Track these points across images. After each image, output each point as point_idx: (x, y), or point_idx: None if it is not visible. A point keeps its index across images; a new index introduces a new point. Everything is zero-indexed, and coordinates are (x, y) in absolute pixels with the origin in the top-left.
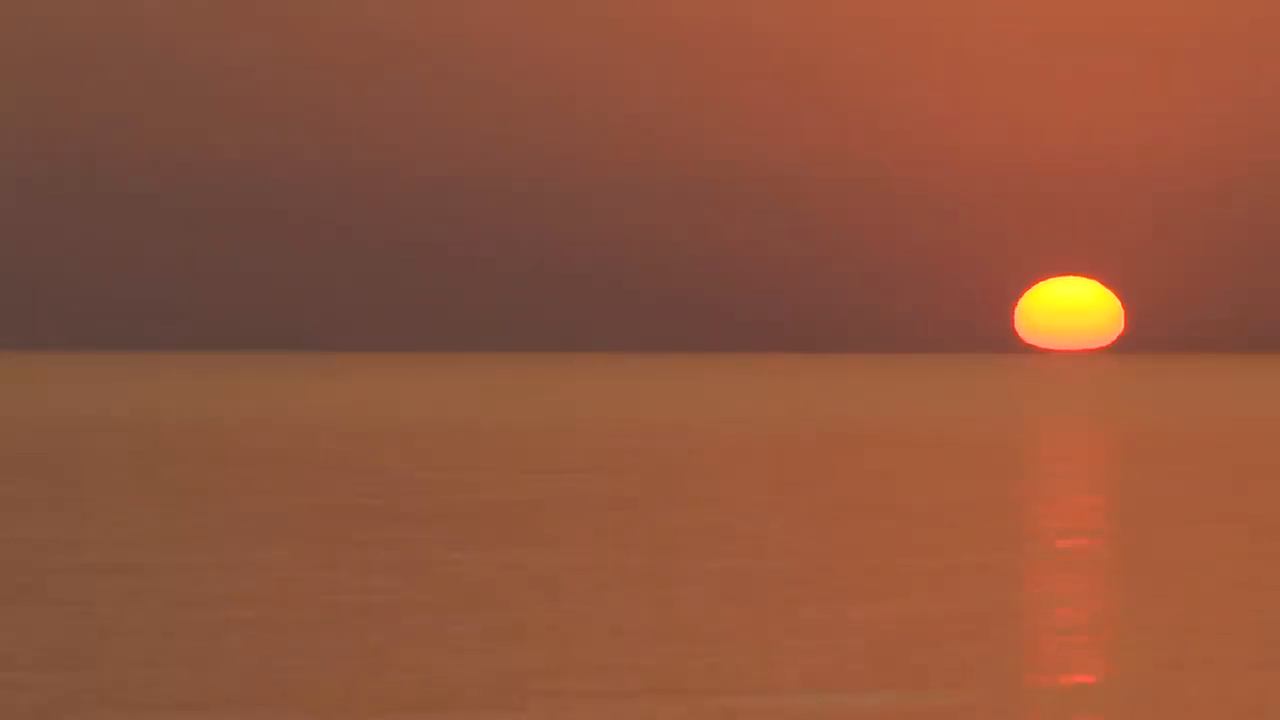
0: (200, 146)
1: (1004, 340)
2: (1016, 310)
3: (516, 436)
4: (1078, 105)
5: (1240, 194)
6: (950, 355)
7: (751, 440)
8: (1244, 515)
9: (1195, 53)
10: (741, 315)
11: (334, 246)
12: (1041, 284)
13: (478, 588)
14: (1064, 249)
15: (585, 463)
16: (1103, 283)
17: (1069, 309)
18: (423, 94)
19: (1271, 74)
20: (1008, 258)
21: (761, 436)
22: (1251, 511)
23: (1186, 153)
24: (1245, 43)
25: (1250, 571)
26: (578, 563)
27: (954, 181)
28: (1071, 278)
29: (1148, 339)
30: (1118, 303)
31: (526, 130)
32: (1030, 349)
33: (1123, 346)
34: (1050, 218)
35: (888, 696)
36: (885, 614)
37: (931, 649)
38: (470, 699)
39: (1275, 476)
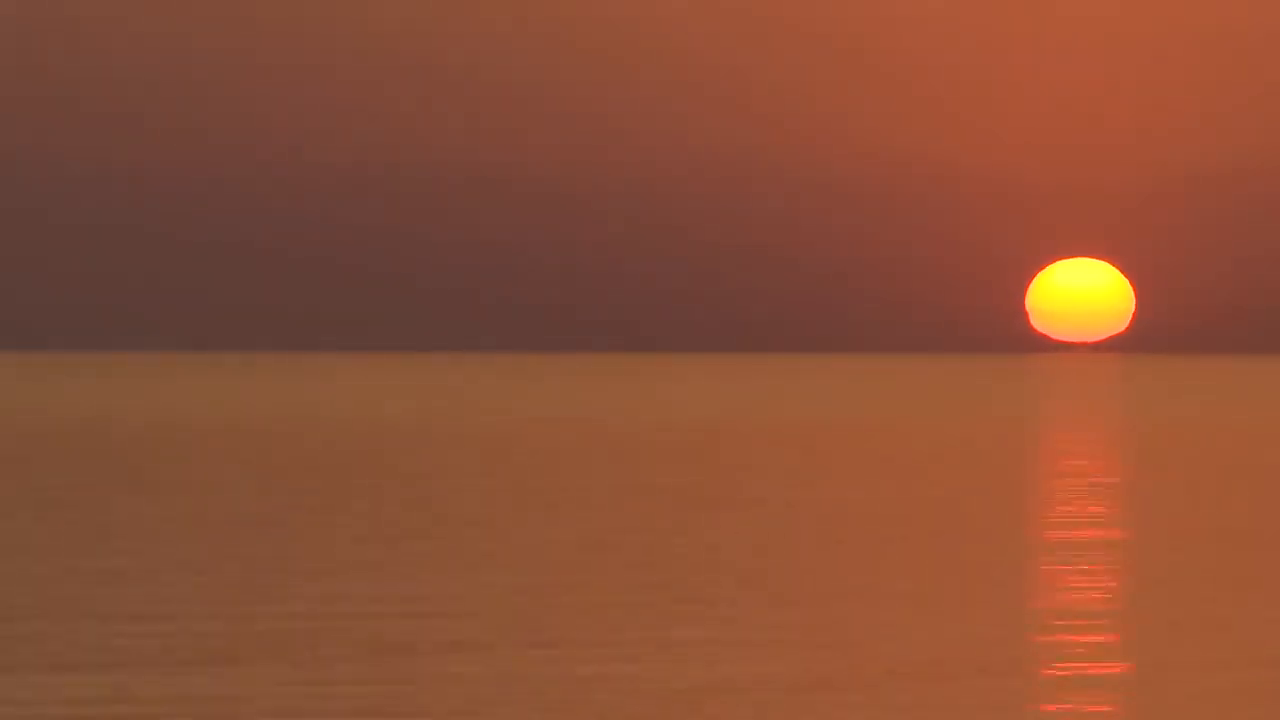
0: (213, 145)
1: (1018, 332)
2: (1028, 300)
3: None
4: (1074, 93)
5: (1244, 173)
6: (963, 356)
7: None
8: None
9: (1196, 37)
10: (740, 314)
11: (342, 244)
12: (1049, 269)
13: None
14: (1069, 231)
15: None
16: (1112, 263)
17: (1080, 297)
18: (427, 94)
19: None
20: (1012, 245)
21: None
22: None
23: (1181, 134)
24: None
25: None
26: None
27: (954, 172)
28: (1080, 259)
29: (1159, 326)
30: (1128, 285)
31: (524, 131)
32: (1044, 341)
33: (1136, 333)
34: (1052, 202)
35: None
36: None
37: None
38: None
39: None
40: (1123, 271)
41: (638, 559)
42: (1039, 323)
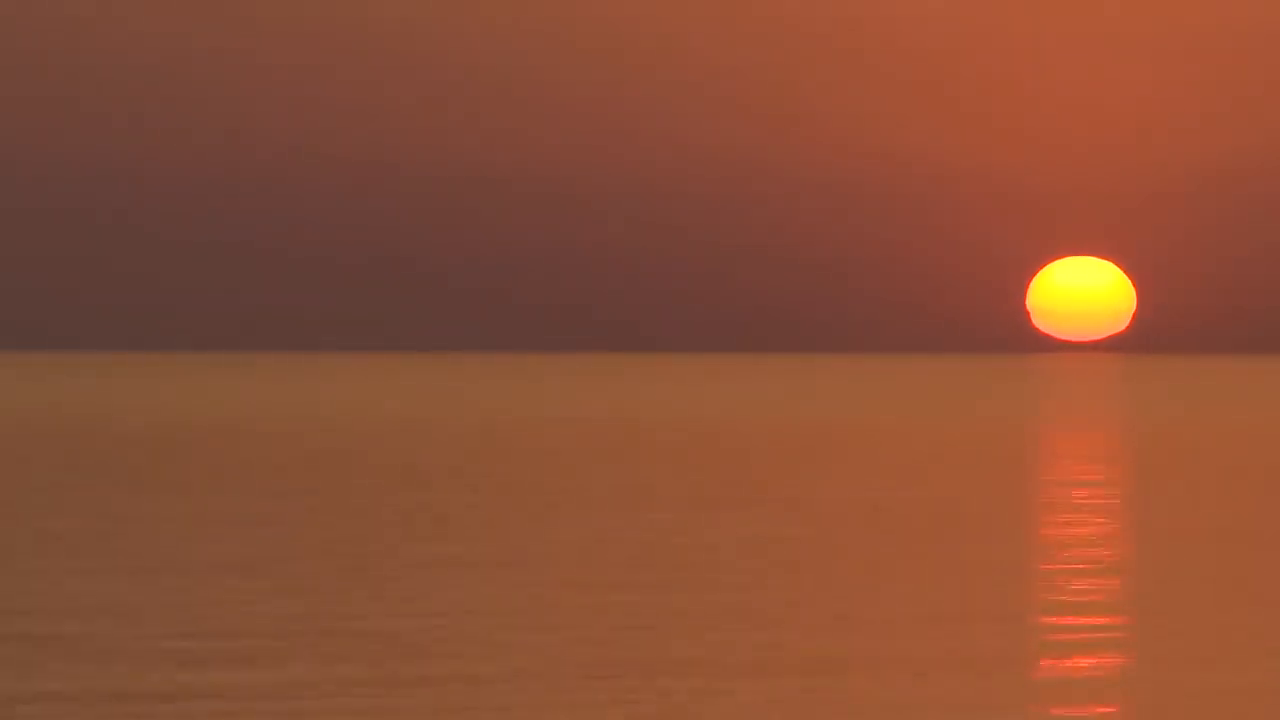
0: (201, 144)
1: (1019, 331)
2: (1028, 299)
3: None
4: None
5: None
6: (964, 356)
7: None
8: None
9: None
10: (739, 313)
11: (332, 247)
12: (1049, 267)
13: None
14: (1070, 229)
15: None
16: (1112, 261)
17: (1081, 296)
18: (420, 92)
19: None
20: (1012, 244)
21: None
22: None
23: (1184, 131)
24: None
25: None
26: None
27: (954, 171)
28: (1081, 258)
29: (1161, 324)
30: (1129, 284)
31: (525, 132)
32: (1045, 340)
33: (1138, 331)
34: (1052, 200)
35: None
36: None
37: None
38: None
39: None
40: (1124, 269)
41: (638, 559)
42: (1040, 321)
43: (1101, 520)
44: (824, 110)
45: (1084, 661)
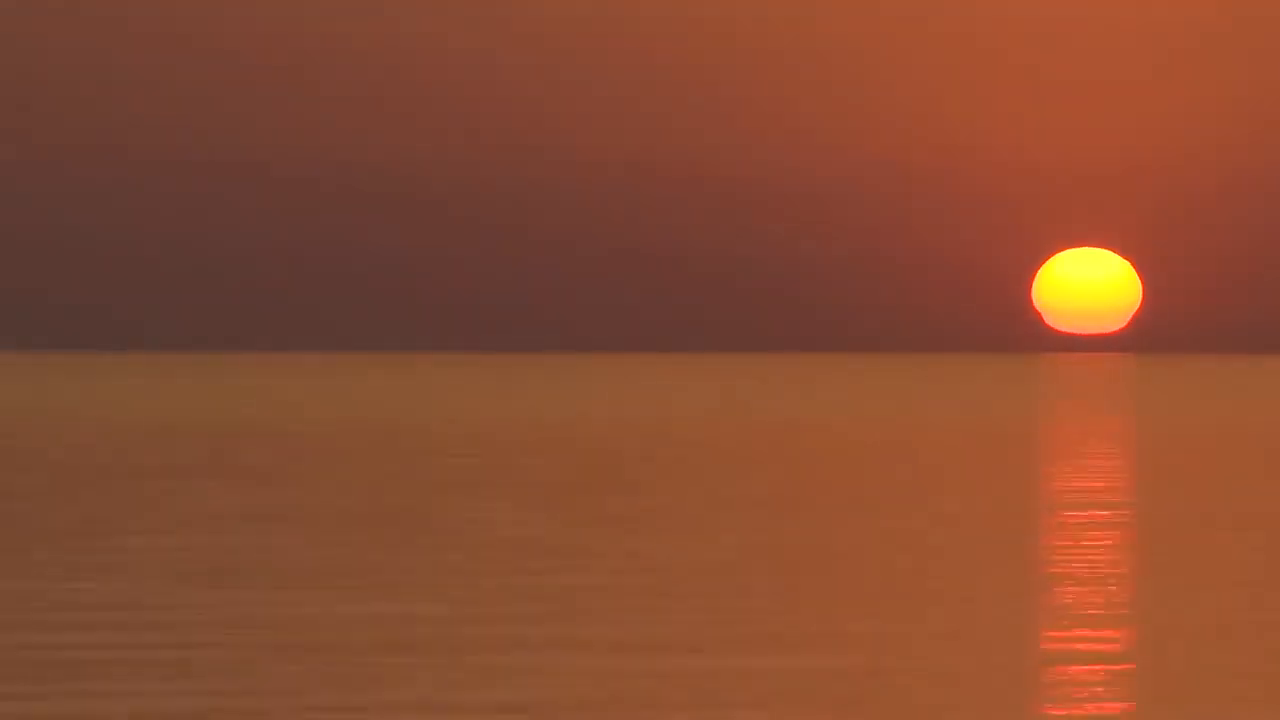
0: (210, 142)
1: (1026, 326)
2: (1034, 293)
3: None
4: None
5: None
6: (969, 354)
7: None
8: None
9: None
10: (740, 313)
11: (337, 245)
12: (1052, 260)
13: None
14: (1073, 220)
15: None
16: (1118, 253)
17: (1086, 289)
18: (419, 92)
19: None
20: (1014, 238)
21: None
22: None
23: (1188, 124)
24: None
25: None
26: None
27: (952, 166)
28: (1084, 249)
29: (1166, 320)
30: (1135, 277)
31: (520, 130)
32: (1052, 335)
33: (1143, 327)
34: (1054, 192)
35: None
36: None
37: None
38: None
39: None
40: (1132, 263)
41: (632, 563)
42: (1047, 316)
43: (1114, 519)
44: (822, 105)
45: (1093, 659)
